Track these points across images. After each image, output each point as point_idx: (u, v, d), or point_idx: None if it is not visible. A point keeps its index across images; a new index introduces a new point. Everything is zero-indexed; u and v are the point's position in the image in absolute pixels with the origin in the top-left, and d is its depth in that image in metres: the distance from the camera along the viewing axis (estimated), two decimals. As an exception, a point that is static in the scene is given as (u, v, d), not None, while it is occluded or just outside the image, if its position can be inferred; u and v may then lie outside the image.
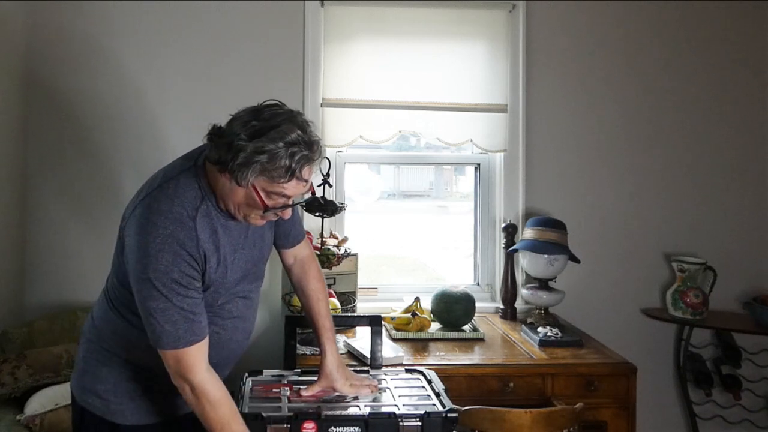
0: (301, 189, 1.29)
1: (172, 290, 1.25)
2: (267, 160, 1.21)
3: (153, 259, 1.24)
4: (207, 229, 1.32)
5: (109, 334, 1.43)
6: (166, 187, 1.31)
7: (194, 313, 1.29)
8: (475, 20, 2.67)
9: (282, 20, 2.60)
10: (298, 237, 1.67)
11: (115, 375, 1.41)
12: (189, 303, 1.28)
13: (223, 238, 1.36)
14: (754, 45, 2.81)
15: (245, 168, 1.22)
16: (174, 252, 1.25)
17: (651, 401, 2.72)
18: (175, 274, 1.25)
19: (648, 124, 2.78)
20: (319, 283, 1.66)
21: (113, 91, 2.54)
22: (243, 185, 1.25)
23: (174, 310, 1.25)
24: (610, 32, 2.75)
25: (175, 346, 1.26)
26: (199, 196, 1.32)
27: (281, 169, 1.23)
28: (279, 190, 1.26)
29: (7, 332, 2.23)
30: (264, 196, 1.27)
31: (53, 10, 2.51)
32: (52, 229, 2.53)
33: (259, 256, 1.50)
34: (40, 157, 2.52)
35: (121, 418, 1.39)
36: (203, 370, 1.29)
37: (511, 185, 2.72)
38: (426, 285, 2.85)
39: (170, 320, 1.25)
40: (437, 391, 1.53)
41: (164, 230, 1.25)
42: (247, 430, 1.30)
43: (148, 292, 1.25)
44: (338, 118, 2.60)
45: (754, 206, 2.82)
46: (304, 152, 1.24)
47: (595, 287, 2.74)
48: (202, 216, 1.31)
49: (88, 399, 1.42)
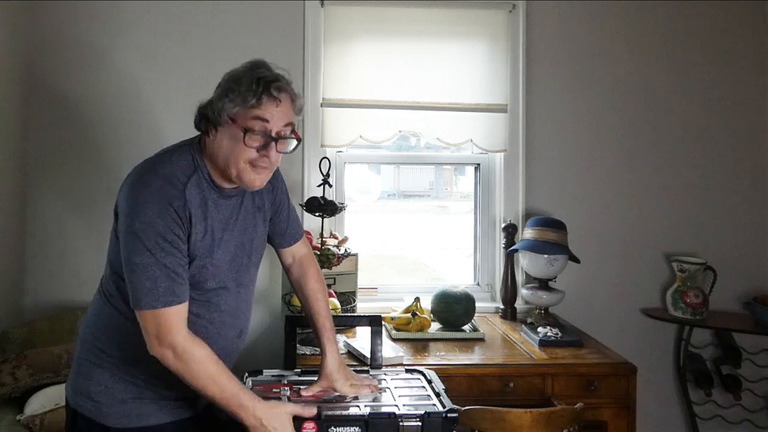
0: (278, 112, 1.33)
1: (157, 244, 1.27)
2: (235, 84, 1.31)
3: (140, 212, 1.28)
4: (197, 197, 1.36)
5: (103, 330, 1.42)
6: (161, 155, 1.40)
7: (176, 273, 1.30)
8: (475, 20, 2.67)
9: (282, 20, 2.60)
10: (296, 235, 1.67)
11: (107, 377, 1.39)
12: (171, 261, 1.29)
13: (213, 212, 1.39)
14: (755, 45, 2.81)
15: (219, 102, 1.32)
16: (161, 206, 1.29)
17: (651, 401, 2.72)
18: (160, 227, 1.28)
19: (648, 124, 2.78)
20: (318, 283, 1.65)
21: (113, 91, 2.54)
22: (223, 123, 1.32)
23: (156, 267, 1.27)
24: (610, 32, 2.75)
25: (154, 306, 1.27)
26: (191, 166, 1.37)
27: (249, 92, 1.29)
28: (256, 114, 1.31)
29: (7, 332, 2.23)
30: (248, 134, 1.30)
31: (54, 11, 2.51)
32: (53, 229, 2.53)
33: (250, 246, 1.49)
34: (41, 157, 2.52)
35: (112, 420, 1.38)
36: (184, 332, 1.29)
37: (511, 185, 2.72)
38: (426, 285, 2.85)
39: (151, 277, 1.27)
40: (437, 391, 1.53)
41: (153, 186, 1.30)
42: (238, 383, 1.31)
43: (132, 246, 1.28)
44: (338, 118, 2.60)
45: (754, 206, 2.82)
46: (269, 73, 1.33)
47: (595, 287, 2.74)
48: (193, 185, 1.35)
49: (80, 401, 1.41)
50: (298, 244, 1.68)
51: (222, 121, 1.32)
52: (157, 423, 1.41)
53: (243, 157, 1.33)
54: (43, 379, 2.03)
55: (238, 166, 1.34)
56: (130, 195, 1.31)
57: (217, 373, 1.30)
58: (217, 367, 1.30)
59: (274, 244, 1.65)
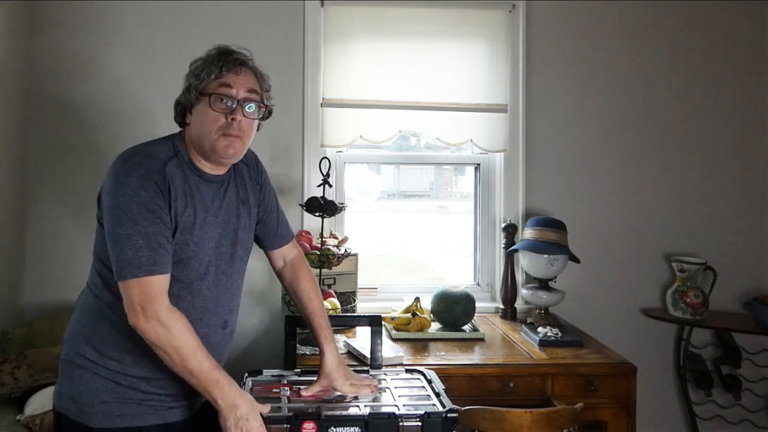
0: (240, 79, 1.43)
1: (140, 214, 1.31)
2: (199, 63, 1.45)
3: (122, 185, 1.32)
4: (178, 175, 1.40)
5: (85, 326, 1.42)
6: (142, 143, 1.46)
7: (159, 244, 1.32)
8: (475, 20, 2.67)
9: (282, 20, 2.60)
10: (286, 237, 1.68)
11: (87, 377, 1.38)
12: (154, 231, 1.32)
13: (195, 193, 1.43)
14: (755, 45, 2.81)
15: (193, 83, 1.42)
16: (141, 177, 1.33)
17: (651, 401, 2.72)
18: (142, 197, 1.32)
19: (648, 124, 2.78)
20: (311, 283, 1.66)
21: (112, 93, 2.54)
22: (194, 101, 1.42)
23: (138, 236, 1.30)
24: (610, 32, 2.75)
25: (136, 274, 1.28)
26: (171, 150, 1.43)
27: (212, 65, 1.41)
28: (220, 82, 1.41)
29: (7, 332, 2.23)
30: (213, 98, 1.40)
31: (54, 14, 2.51)
32: (52, 230, 2.53)
33: (234, 236, 1.50)
34: (40, 158, 2.52)
35: (94, 420, 1.36)
36: (167, 302, 1.31)
37: (511, 185, 2.72)
38: (426, 285, 2.85)
39: (134, 246, 1.30)
40: (437, 391, 1.53)
41: (134, 163, 1.36)
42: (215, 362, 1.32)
43: (117, 218, 1.31)
44: (338, 118, 2.60)
45: (754, 206, 2.82)
46: (226, 48, 1.46)
47: (595, 287, 2.74)
48: (174, 166, 1.41)
49: (63, 403, 1.40)
50: (289, 246, 1.69)
51: (193, 99, 1.42)
52: (140, 425, 1.38)
53: (214, 127, 1.40)
54: (43, 379, 2.03)
55: (211, 137, 1.41)
56: (112, 173, 1.36)
57: (197, 347, 1.31)
58: (196, 342, 1.31)
59: (265, 246, 1.66)
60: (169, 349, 1.29)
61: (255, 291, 2.56)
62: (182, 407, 1.45)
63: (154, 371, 1.37)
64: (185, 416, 1.46)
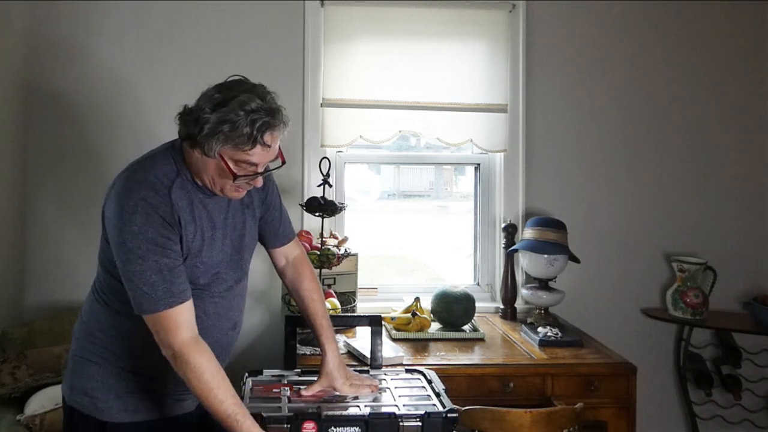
0: (267, 155, 1.34)
1: (148, 250, 1.28)
2: (229, 129, 1.27)
3: (127, 222, 1.28)
4: (184, 199, 1.36)
5: (96, 327, 1.43)
6: (143, 161, 1.40)
7: (172, 274, 1.30)
8: (475, 20, 2.67)
9: (282, 20, 2.60)
10: (288, 236, 1.67)
11: (102, 373, 1.40)
12: (166, 263, 1.29)
13: (201, 212, 1.40)
14: (755, 45, 2.81)
15: (210, 138, 1.28)
16: (146, 213, 1.29)
17: (651, 401, 2.73)
18: (149, 233, 1.28)
19: (648, 124, 2.78)
20: (313, 283, 1.66)
21: (112, 94, 2.54)
22: (211, 156, 1.31)
23: (151, 272, 1.28)
24: (611, 32, 2.75)
25: (155, 309, 1.27)
26: (174, 170, 1.37)
27: (243, 137, 1.27)
28: (245, 158, 1.31)
29: (7, 332, 2.23)
30: (232, 165, 1.31)
31: (53, 14, 2.51)
32: (52, 230, 2.53)
33: (241, 243, 1.50)
34: (40, 158, 2.52)
35: (109, 415, 1.39)
36: (184, 335, 1.28)
37: (511, 185, 2.72)
38: (426, 285, 2.85)
39: (147, 282, 1.27)
40: (437, 391, 1.53)
41: (138, 194, 1.30)
42: (234, 396, 1.28)
43: (125, 256, 1.29)
44: (338, 118, 2.60)
45: (754, 206, 2.82)
46: (265, 119, 1.28)
47: (595, 287, 2.74)
48: (178, 188, 1.36)
49: (76, 398, 1.42)
50: (291, 245, 1.68)
51: (210, 154, 1.31)
52: (153, 418, 1.42)
53: (226, 184, 1.36)
54: (43, 379, 2.03)
55: (225, 188, 1.37)
56: (116, 206, 1.31)
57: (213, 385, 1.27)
58: (213, 379, 1.28)
59: (267, 244, 1.66)
60: (187, 383, 1.29)
61: (255, 291, 2.56)
62: (192, 399, 1.48)
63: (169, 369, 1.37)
64: (192, 408, 1.49)
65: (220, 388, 1.27)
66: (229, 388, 1.29)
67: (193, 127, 1.30)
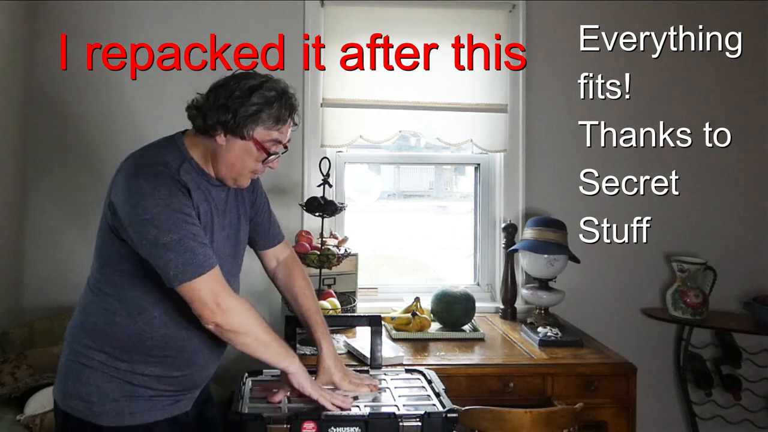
0: (288, 134, 1.44)
1: (179, 219, 1.30)
2: (267, 108, 1.37)
3: (151, 197, 1.29)
4: (192, 182, 1.38)
5: (91, 327, 1.41)
6: (146, 148, 1.44)
7: (204, 239, 1.34)
8: (475, 20, 2.67)
9: (282, 20, 2.60)
10: (277, 236, 1.69)
11: (97, 376, 1.38)
12: (197, 230, 1.33)
13: (208, 197, 1.43)
14: (755, 46, 2.81)
15: (250, 119, 1.36)
16: (168, 186, 1.32)
17: (651, 401, 2.72)
18: (174, 204, 1.31)
19: (648, 124, 2.77)
20: (305, 281, 1.67)
21: (112, 94, 2.54)
22: (246, 137, 1.37)
23: (187, 239, 1.29)
24: (610, 32, 2.75)
25: (201, 272, 1.29)
26: (180, 156, 1.40)
27: (280, 115, 1.38)
28: (276, 137, 1.40)
29: (7, 332, 2.23)
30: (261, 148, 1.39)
31: (53, 14, 2.51)
32: (52, 229, 2.53)
33: (236, 238, 1.52)
34: (40, 157, 2.53)
35: (105, 419, 1.37)
36: (229, 292, 1.34)
37: (511, 185, 2.72)
38: (426, 285, 2.85)
39: (188, 248, 1.29)
40: (437, 391, 1.53)
41: (153, 171, 1.33)
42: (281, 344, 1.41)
43: (155, 230, 1.28)
44: (338, 118, 2.60)
45: (754, 206, 2.82)
46: (291, 99, 1.42)
47: (595, 287, 2.74)
48: (185, 172, 1.38)
49: (70, 403, 1.40)
50: (281, 246, 1.70)
51: (246, 136, 1.37)
52: (151, 420, 1.40)
53: (247, 169, 1.42)
54: (43, 379, 2.03)
55: (243, 173, 1.42)
56: (132, 187, 1.31)
57: (263, 321, 1.38)
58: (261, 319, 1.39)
59: (257, 246, 1.67)
60: (251, 331, 1.35)
61: (255, 291, 2.56)
62: (187, 399, 1.47)
63: (165, 369, 1.39)
64: (188, 408, 1.48)
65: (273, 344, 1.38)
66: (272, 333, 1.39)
67: (225, 114, 1.35)
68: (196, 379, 1.44)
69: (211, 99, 1.38)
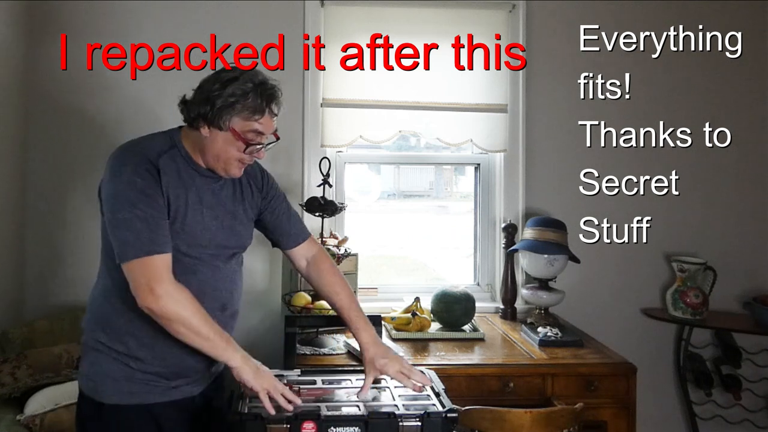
0: (271, 125, 1.46)
1: (137, 198, 1.36)
2: (243, 99, 1.41)
3: (118, 174, 1.38)
4: (172, 167, 1.44)
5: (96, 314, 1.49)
6: (139, 137, 1.51)
7: (158, 226, 1.37)
8: (475, 20, 2.67)
9: (282, 20, 2.60)
10: (301, 235, 1.70)
11: (101, 359, 1.46)
12: (152, 214, 1.37)
13: (189, 184, 1.46)
14: (755, 46, 2.81)
15: (225, 110, 1.40)
16: (136, 164, 1.39)
17: (651, 401, 2.72)
18: (139, 184, 1.37)
19: (647, 124, 2.77)
20: (335, 276, 1.67)
21: (112, 93, 2.54)
22: (224, 128, 1.42)
23: (137, 220, 1.35)
24: (610, 32, 2.75)
25: (138, 255, 1.33)
26: (168, 144, 1.47)
27: (255, 106, 1.41)
28: (254, 127, 1.43)
29: (7, 332, 2.23)
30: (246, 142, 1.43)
31: (53, 14, 2.51)
32: (52, 229, 2.53)
33: (231, 228, 1.52)
34: (40, 157, 2.52)
35: (106, 397, 1.44)
36: (172, 278, 1.36)
37: (511, 185, 2.72)
38: (426, 285, 2.85)
39: (133, 229, 1.34)
40: (437, 391, 1.53)
41: (129, 154, 1.43)
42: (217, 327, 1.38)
43: (114, 206, 1.37)
44: (338, 118, 2.60)
45: (754, 206, 2.82)
46: (270, 89, 1.44)
47: (595, 287, 2.74)
48: (168, 158, 1.44)
49: (83, 382, 1.49)
50: (307, 245, 1.70)
51: (223, 126, 1.42)
52: (150, 402, 1.45)
53: (233, 158, 1.45)
54: (43, 379, 2.03)
55: (229, 163, 1.46)
56: (110, 166, 1.42)
57: (206, 314, 1.38)
58: (203, 311, 1.38)
59: (282, 245, 1.69)
60: (184, 320, 1.35)
61: (255, 291, 2.56)
62: (188, 385, 1.50)
63: (157, 352, 1.44)
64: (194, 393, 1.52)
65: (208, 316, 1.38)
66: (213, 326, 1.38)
67: (204, 106, 1.41)
68: (188, 363, 1.46)
69: (196, 93, 1.45)
